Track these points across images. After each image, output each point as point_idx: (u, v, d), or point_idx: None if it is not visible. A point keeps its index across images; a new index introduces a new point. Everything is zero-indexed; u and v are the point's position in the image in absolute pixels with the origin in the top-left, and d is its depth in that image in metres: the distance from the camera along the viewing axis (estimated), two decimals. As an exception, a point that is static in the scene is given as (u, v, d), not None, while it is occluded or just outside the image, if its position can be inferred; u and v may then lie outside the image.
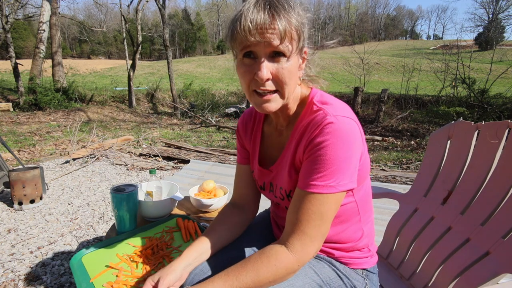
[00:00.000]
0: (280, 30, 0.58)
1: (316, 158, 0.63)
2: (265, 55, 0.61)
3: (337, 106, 0.67)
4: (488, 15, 36.41)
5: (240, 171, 0.93)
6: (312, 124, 0.65)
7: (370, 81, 13.21)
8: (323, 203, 0.63)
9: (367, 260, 0.82)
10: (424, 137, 6.72)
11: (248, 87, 0.65)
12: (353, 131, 0.63)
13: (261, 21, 0.57)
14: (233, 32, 0.61)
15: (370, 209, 0.83)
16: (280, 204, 0.83)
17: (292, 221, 0.66)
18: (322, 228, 0.65)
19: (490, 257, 0.89)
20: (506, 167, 0.94)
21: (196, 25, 52.31)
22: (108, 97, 11.75)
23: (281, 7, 0.59)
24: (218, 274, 0.65)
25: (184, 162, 3.93)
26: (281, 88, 0.64)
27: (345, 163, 0.62)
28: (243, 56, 0.63)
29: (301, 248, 0.64)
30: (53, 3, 10.19)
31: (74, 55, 49.20)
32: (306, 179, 0.64)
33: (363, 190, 0.76)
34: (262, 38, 0.58)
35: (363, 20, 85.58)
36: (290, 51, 0.61)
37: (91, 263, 0.95)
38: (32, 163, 3.93)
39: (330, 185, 0.62)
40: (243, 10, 0.59)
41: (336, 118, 0.62)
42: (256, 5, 0.59)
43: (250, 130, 0.90)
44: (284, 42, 0.59)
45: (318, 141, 0.63)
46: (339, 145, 0.61)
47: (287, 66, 0.62)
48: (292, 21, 0.59)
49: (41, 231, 2.11)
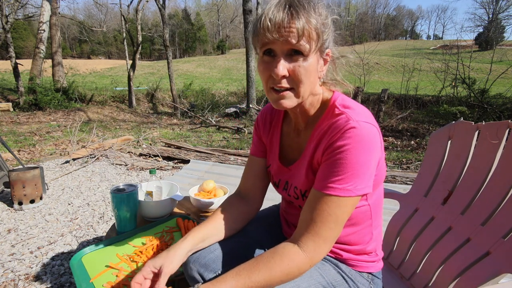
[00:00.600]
0: (298, 28, 0.59)
1: (335, 161, 0.63)
2: (283, 53, 0.63)
3: (359, 111, 0.67)
4: (488, 15, 36.43)
5: (252, 162, 0.93)
6: (334, 127, 0.66)
7: (370, 81, 13.19)
8: (339, 206, 0.64)
9: (373, 264, 0.82)
10: (424, 137, 6.72)
11: (267, 84, 0.67)
12: (374, 138, 0.64)
13: (279, 19, 0.59)
14: (255, 30, 0.64)
15: (380, 214, 0.83)
16: (293, 202, 0.83)
17: (306, 220, 0.67)
18: (335, 231, 0.65)
19: (490, 257, 0.89)
20: (506, 167, 0.94)
21: (196, 25, 52.32)
22: (108, 97, 11.75)
23: (301, 6, 0.60)
24: (230, 272, 0.65)
25: (184, 162, 3.93)
26: (297, 86, 0.65)
27: (364, 168, 0.62)
28: (263, 54, 0.65)
29: (314, 249, 0.65)
30: (53, 3, 10.19)
31: (74, 55, 49.20)
32: (323, 181, 0.65)
33: (376, 195, 0.77)
34: (280, 36, 0.60)
35: (363, 20, 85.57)
36: (308, 50, 0.62)
37: (91, 263, 0.95)
38: (32, 163, 3.93)
39: (347, 188, 0.62)
40: (265, 9, 0.62)
41: (358, 123, 0.63)
42: (277, 4, 0.61)
43: (268, 126, 0.90)
44: (301, 40, 0.60)
45: (339, 145, 0.63)
46: (360, 150, 0.62)
47: (305, 64, 0.63)
48: (311, 20, 0.60)
49: (41, 231, 2.11)
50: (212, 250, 0.79)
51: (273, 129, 0.88)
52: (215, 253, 0.79)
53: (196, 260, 0.77)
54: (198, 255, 0.78)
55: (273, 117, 0.90)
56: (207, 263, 0.76)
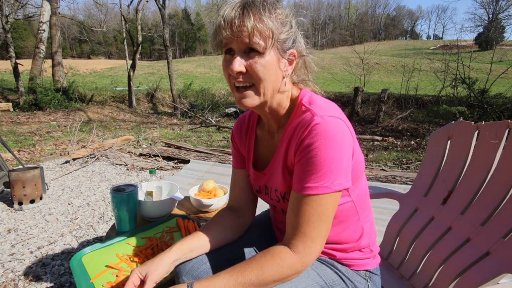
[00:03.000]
0: (247, 26, 0.61)
1: (307, 160, 0.64)
2: (240, 51, 0.65)
3: (323, 106, 0.68)
4: (488, 15, 36.43)
5: (236, 176, 0.94)
6: (301, 125, 0.66)
7: (370, 81, 13.21)
8: (320, 204, 0.64)
9: (369, 261, 0.82)
10: (424, 137, 6.72)
11: (230, 82, 0.69)
12: (341, 130, 0.64)
13: (231, 18, 0.62)
14: (213, 31, 0.67)
15: (368, 207, 0.82)
16: (276, 206, 0.83)
17: (291, 224, 0.67)
18: (322, 229, 0.65)
19: (490, 257, 0.89)
20: (506, 167, 0.94)
21: (196, 25, 52.34)
22: (108, 97, 11.74)
23: (253, 6, 0.62)
24: (224, 270, 0.66)
25: (184, 162, 3.93)
26: (256, 83, 0.66)
27: (337, 163, 0.62)
28: (225, 53, 0.67)
29: (304, 249, 0.65)
30: (53, 3, 10.19)
31: (74, 55, 49.21)
32: (300, 182, 0.65)
33: (359, 189, 0.76)
34: (232, 33, 0.62)
35: (363, 20, 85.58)
36: (263, 48, 0.63)
37: (91, 263, 0.95)
38: (32, 163, 3.93)
39: (324, 185, 0.63)
40: (220, 12, 0.65)
41: (322, 119, 0.64)
42: (232, 5, 0.64)
43: (244, 135, 0.90)
44: (253, 38, 0.62)
45: (307, 143, 0.64)
46: (328, 146, 0.62)
47: (261, 61, 0.64)
48: (263, 19, 0.62)
49: (41, 231, 2.11)
50: (204, 261, 0.79)
51: (249, 138, 0.89)
52: (207, 264, 0.79)
53: (188, 272, 0.76)
54: (191, 266, 0.77)
55: (248, 125, 0.90)
56: (199, 275, 0.76)
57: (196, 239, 0.80)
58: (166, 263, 0.73)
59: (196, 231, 0.84)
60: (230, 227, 0.88)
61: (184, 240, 0.79)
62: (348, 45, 39.16)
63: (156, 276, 0.71)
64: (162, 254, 0.75)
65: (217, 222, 0.87)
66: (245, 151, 0.90)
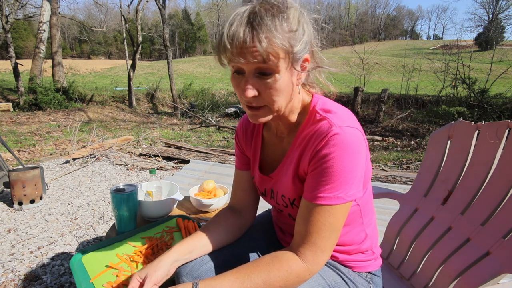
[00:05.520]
0: (260, 52, 0.55)
1: (322, 170, 0.62)
2: (250, 73, 0.60)
3: (340, 114, 0.66)
4: (488, 15, 36.41)
5: (238, 176, 0.93)
6: (317, 134, 0.64)
7: (370, 81, 13.21)
8: (332, 214, 0.63)
9: (371, 263, 0.82)
10: (424, 137, 6.72)
11: (241, 99, 0.65)
12: (358, 141, 0.63)
13: (241, 41, 0.55)
14: (219, 48, 0.59)
15: (372, 211, 0.83)
16: (283, 211, 0.82)
17: (301, 232, 0.66)
18: (332, 239, 0.65)
19: (490, 257, 0.89)
20: (506, 167, 0.94)
21: (196, 25, 52.34)
22: (108, 97, 11.75)
23: (262, 24, 0.54)
24: (230, 271, 0.65)
25: (184, 162, 3.93)
26: (270, 104, 0.63)
27: (352, 174, 0.62)
28: (234, 71, 0.63)
29: (313, 258, 0.64)
30: (53, 3, 10.19)
31: (74, 55, 49.23)
32: (313, 191, 0.64)
33: (365, 193, 0.76)
34: (243, 58, 0.56)
35: (363, 20, 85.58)
36: (277, 68, 0.58)
37: (91, 263, 0.95)
38: (32, 163, 3.93)
39: (338, 196, 0.62)
40: (225, 28, 0.57)
41: (341, 129, 0.62)
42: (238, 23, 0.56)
43: (250, 136, 0.89)
44: (267, 62, 0.56)
45: (324, 154, 0.62)
46: (346, 157, 0.61)
47: (276, 84, 0.60)
48: (274, 41, 0.55)
49: (41, 231, 2.11)
50: (205, 261, 0.79)
51: (255, 139, 0.87)
52: (208, 264, 0.78)
53: (189, 273, 0.75)
54: (191, 267, 0.77)
55: (254, 126, 0.88)
56: (200, 275, 0.76)
57: (196, 239, 0.80)
58: (166, 265, 0.73)
59: (196, 232, 0.83)
60: (231, 228, 0.87)
61: (184, 241, 0.78)
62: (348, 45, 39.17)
63: (155, 278, 0.70)
64: (161, 256, 0.74)
65: (217, 223, 0.87)
66: (250, 153, 0.89)
